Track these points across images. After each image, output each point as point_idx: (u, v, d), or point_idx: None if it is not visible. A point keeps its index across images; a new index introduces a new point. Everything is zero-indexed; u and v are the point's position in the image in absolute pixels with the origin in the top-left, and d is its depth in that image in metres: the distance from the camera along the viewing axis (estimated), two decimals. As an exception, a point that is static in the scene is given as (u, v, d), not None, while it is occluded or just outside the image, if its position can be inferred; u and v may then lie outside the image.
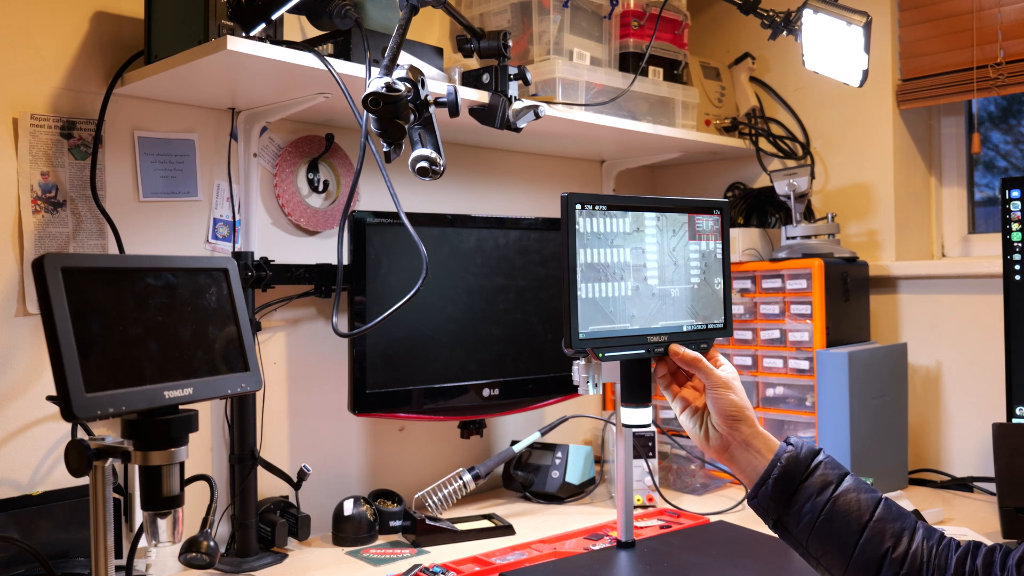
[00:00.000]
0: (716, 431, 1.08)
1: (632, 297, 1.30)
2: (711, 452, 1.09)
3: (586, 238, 1.25)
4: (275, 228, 1.65)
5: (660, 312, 1.34)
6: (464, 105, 1.42)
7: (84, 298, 0.94)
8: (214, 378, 1.05)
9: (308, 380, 1.69)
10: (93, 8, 1.43)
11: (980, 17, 1.91)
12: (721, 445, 1.07)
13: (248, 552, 1.49)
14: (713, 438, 1.08)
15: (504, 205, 2.05)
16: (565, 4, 1.74)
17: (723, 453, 1.07)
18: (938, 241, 2.13)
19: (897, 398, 1.90)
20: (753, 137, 2.14)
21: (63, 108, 1.40)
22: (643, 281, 1.32)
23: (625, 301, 1.29)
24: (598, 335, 1.25)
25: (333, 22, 1.27)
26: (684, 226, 1.38)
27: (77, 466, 0.98)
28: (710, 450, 1.09)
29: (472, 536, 1.60)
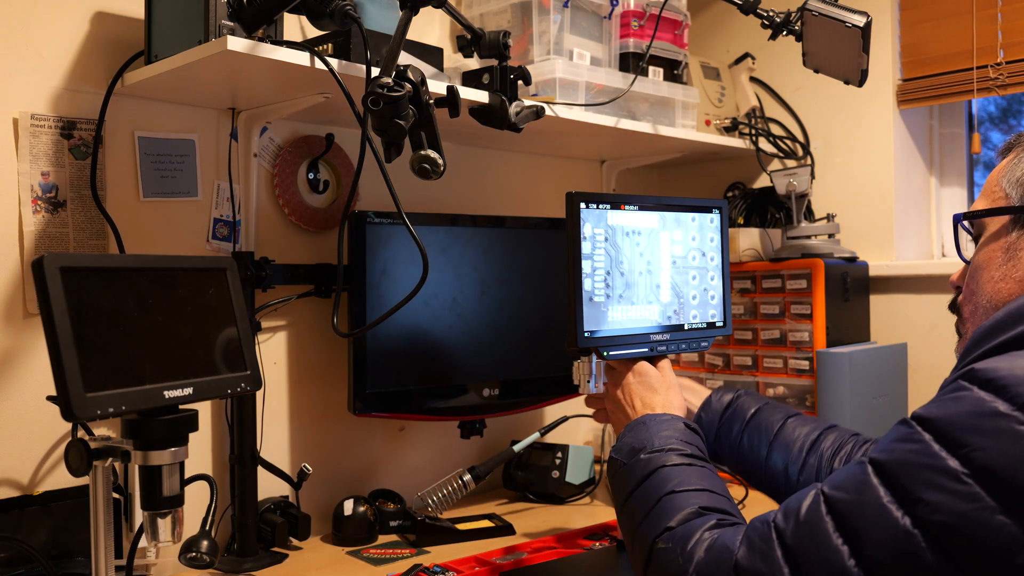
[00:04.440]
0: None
1: (634, 296, 1.30)
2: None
3: (590, 237, 1.25)
4: (275, 228, 1.65)
5: (662, 311, 1.34)
6: (464, 105, 1.42)
7: (84, 298, 0.94)
8: (214, 378, 1.05)
9: (308, 380, 1.69)
10: (93, 8, 1.43)
11: (980, 17, 1.91)
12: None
13: (248, 552, 1.49)
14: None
15: (504, 205, 2.05)
16: (565, 4, 1.74)
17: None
18: (938, 241, 2.13)
19: (897, 398, 1.90)
20: (753, 137, 2.14)
21: (63, 108, 1.40)
22: (645, 280, 1.32)
23: (627, 300, 1.29)
24: (601, 334, 1.26)
25: (333, 22, 1.27)
26: (685, 225, 1.38)
27: (77, 466, 0.98)
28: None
29: (472, 536, 1.60)
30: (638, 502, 0.96)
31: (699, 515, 0.90)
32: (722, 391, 1.29)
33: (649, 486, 0.97)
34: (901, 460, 0.75)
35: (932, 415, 0.75)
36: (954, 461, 0.71)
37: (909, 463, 0.74)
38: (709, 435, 1.25)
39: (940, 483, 0.71)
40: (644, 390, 1.20)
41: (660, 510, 0.93)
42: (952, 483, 0.71)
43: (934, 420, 0.75)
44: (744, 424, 1.24)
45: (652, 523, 0.92)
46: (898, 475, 0.74)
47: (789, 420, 1.23)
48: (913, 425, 0.76)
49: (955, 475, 0.71)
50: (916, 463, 0.73)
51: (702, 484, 0.95)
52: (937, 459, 0.72)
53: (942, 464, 0.72)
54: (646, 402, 1.17)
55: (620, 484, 1.02)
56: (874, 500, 0.74)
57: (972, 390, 0.74)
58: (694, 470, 0.98)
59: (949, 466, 0.71)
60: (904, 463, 0.74)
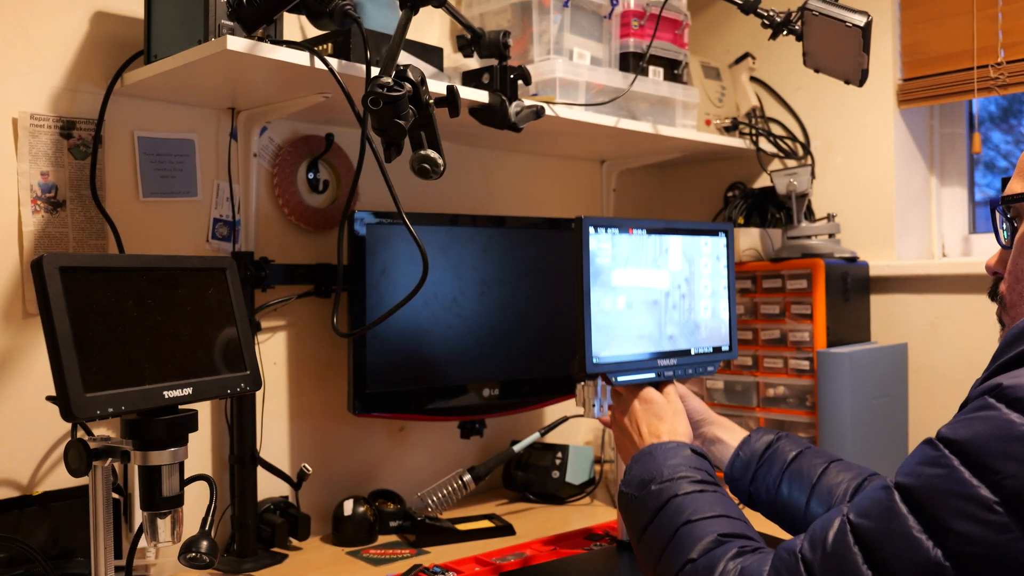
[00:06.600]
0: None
1: (642, 321, 1.30)
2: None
3: (598, 262, 1.24)
4: (275, 228, 1.65)
5: (669, 336, 1.33)
6: (464, 105, 1.42)
7: (83, 298, 0.94)
8: (214, 378, 1.05)
9: (308, 380, 1.69)
10: (93, 8, 1.43)
11: (980, 17, 1.91)
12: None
13: (248, 552, 1.49)
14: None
15: (504, 205, 2.04)
16: (565, 4, 1.74)
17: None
18: (938, 241, 2.13)
19: (897, 398, 1.90)
20: (753, 137, 2.13)
21: (63, 108, 1.40)
22: (652, 305, 1.31)
23: (635, 325, 1.29)
24: (610, 360, 1.25)
25: (333, 22, 1.27)
26: (692, 249, 1.37)
27: (77, 466, 0.98)
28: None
29: (472, 536, 1.60)
30: (655, 535, 0.95)
31: (719, 543, 0.88)
32: (762, 431, 1.24)
33: (664, 518, 0.95)
34: (929, 486, 0.72)
35: (959, 437, 0.72)
36: (985, 489, 0.69)
37: (937, 489, 0.71)
38: (745, 476, 1.21)
39: (971, 512, 0.69)
40: (650, 417, 1.18)
41: (679, 542, 0.91)
42: (984, 512, 0.68)
43: (961, 443, 0.72)
44: (784, 467, 1.19)
45: (672, 556, 0.91)
46: (927, 503, 0.72)
47: (832, 465, 1.17)
48: (940, 447, 0.73)
49: (987, 504, 0.68)
50: (945, 489, 0.71)
51: (717, 510, 0.94)
52: (967, 486, 0.70)
53: (972, 492, 0.69)
54: (652, 430, 1.16)
55: (634, 518, 1.01)
56: (903, 529, 0.72)
57: (1000, 409, 0.71)
58: (707, 496, 0.96)
59: (980, 494, 0.69)
60: (932, 489, 0.72)
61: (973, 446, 0.71)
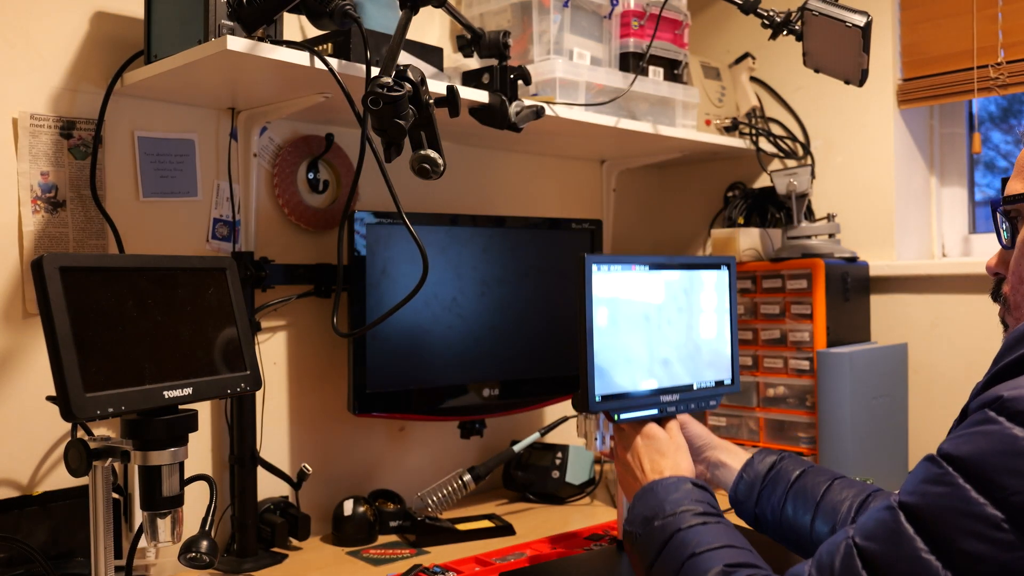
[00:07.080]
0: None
1: (645, 357, 1.30)
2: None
3: (601, 298, 1.24)
4: (275, 228, 1.65)
5: (671, 371, 1.34)
6: (464, 105, 1.42)
7: (83, 298, 0.94)
8: (214, 378, 1.05)
9: (308, 380, 1.69)
10: (93, 8, 1.43)
11: (980, 17, 1.91)
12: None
13: (248, 552, 1.49)
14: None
15: (504, 205, 2.04)
16: (565, 4, 1.74)
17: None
18: (938, 241, 2.13)
19: (897, 398, 1.90)
20: (753, 137, 2.13)
21: (63, 108, 1.40)
22: (655, 340, 1.31)
23: (638, 361, 1.29)
24: (613, 395, 1.25)
25: (333, 22, 1.27)
26: (694, 283, 1.37)
27: (77, 466, 0.98)
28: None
29: (472, 536, 1.60)
30: (662, 571, 0.95)
31: (727, 574, 0.88)
32: (764, 453, 1.26)
33: (669, 553, 0.95)
34: (934, 505, 0.71)
35: (961, 453, 0.71)
36: (991, 507, 0.68)
37: (942, 508, 0.71)
38: (750, 498, 1.22)
39: (978, 531, 0.68)
40: (653, 453, 1.18)
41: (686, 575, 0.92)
42: (991, 531, 0.68)
43: (964, 459, 0.71)
44: (788, 487, 1.19)
45: None
46: (933, 522, 0.71)
47: (835, 483, 1.18)
48: (943, 464, 0.73)
49: (994, 523, 0.68)
50: (950, 508, 0.70)
51: (721, 540, 0.94)
52: (973, 504, 0.69)
53: (979, 510, 0.69)
54: (655, 466, 1.16)
55: (640, 555, 1.01)
56: (911, 552, 0.71)
57: (1001, 423, 0.70)
58: (711, 527, 0.96)
59: (987, 512, 0.68)
60: (937, 508, 0.71)
61: (977, 463, 0.70)
